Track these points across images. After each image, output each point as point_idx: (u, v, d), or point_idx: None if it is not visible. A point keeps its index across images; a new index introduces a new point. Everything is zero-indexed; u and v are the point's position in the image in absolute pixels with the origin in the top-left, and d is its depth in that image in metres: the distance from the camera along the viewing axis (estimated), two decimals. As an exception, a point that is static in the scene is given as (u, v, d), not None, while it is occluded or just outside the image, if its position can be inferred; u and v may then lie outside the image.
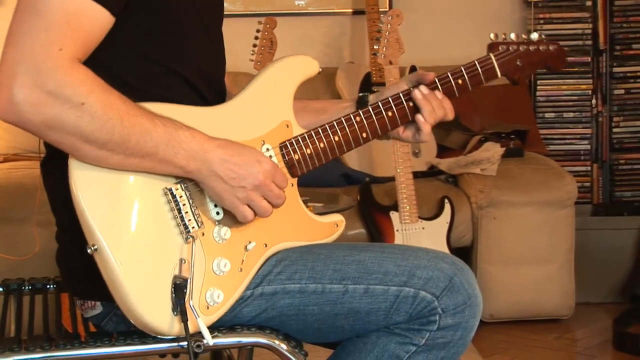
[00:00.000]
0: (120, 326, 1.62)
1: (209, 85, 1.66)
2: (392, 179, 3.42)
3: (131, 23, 1.52)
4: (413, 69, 3.96)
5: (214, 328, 1.56)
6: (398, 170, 3.34)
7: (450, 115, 1.72)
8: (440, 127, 4.01)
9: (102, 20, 1.46)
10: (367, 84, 3.98)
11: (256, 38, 3.63)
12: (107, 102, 1.43)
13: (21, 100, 1.38)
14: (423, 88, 1.70)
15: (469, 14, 4.45)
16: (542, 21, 4.28)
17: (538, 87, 4.30)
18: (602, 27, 4.29)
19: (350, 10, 4.44)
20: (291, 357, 1.61)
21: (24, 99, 1.38)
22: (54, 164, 1.55)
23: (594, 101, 4.32)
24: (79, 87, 1.40)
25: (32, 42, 1.40)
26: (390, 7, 4.36)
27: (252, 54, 3.62)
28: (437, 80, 1.72)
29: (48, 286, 1.99)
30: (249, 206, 1.53)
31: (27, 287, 1.98)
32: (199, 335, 1.52)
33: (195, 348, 1.52)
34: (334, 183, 3.70)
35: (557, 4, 4.29)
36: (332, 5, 4.43)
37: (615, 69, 4.30)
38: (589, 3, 4.27)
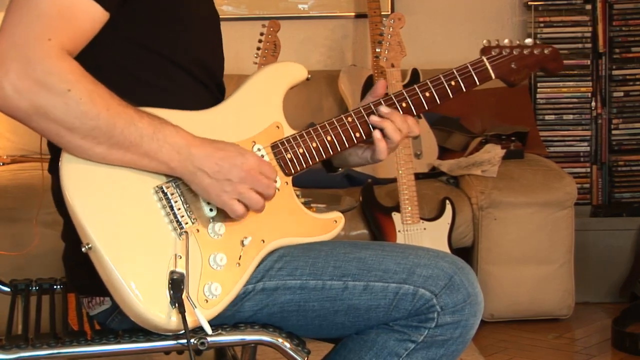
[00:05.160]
0: (124, 323, 1.62)
1: (210, 78, 1.67)
2: (394, 180, 3.42)
3: (132, 16, 1.54)
4: (415, 71, 3.97)
5: (217, 325, 1.57)
6: (400, 172, 3.35)
7: (416, 131, 1.71)
8: (442, 130, 4.04)
9: (95, 15, 1.48)
10: (369, 87, 3.97)
11: (260, 41, 3.63)
12: (93, 90, 1.44)
13: (8, 87, 1.40)
14: (383, 108, 1.70)
15: (470, 17, 4.46)
16: (542, 24, 4.29)
17: (538, 89, 4.30)
18: (602, 31, 4.29)
19: (353, 14, 4.45)
20: (294, 355, 1.61)
21: (11, 86, 1.40)
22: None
23: (593, 103, 4.32)
24: (66, 75, 1.42)
25: (22, 32, 1.42)
26: (392, 10, 4.37)
27: (256, 57, 3.62)
28: (404, 92, 1.72)
29: (55, 286, 2.00)
30: (240, 200, 1.53)
31: (34, 287, 1.99)
32: (202, 331, 1.52)
33: (199, 345, 1.53)
34: (337, 184, 3.69)
35: (557, 7, 4.28)
36: (335, 9, 4.44)
37: (615, 72, 4.30)
38: (588, 7, 4.27)
